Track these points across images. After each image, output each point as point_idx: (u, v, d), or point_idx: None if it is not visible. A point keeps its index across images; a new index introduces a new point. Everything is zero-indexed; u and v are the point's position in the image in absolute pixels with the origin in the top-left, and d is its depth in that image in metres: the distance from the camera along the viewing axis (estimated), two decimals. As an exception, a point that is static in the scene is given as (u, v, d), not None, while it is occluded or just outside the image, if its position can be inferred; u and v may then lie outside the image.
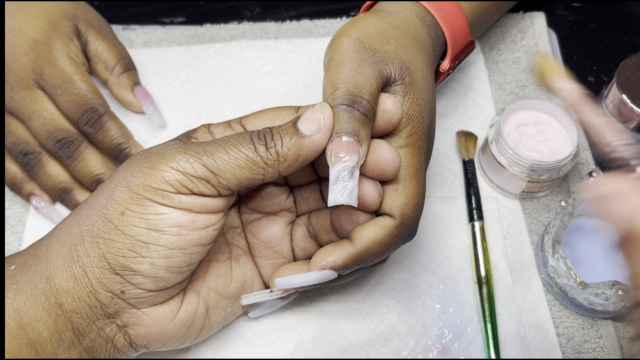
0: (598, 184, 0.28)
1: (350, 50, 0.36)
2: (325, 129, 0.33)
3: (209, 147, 0.34)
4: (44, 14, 0.49)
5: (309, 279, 0.36)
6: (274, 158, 0.33)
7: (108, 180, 0.35)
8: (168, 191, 0.33)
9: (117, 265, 0.33)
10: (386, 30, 0.38)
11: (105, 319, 0.34)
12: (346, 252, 0.35)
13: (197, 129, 0.39)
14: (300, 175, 0.40)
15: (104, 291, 0.33)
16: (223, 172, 0.33)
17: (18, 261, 0.35)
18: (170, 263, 0.33)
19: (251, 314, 0.42)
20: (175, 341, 0.37)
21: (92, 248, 0.33)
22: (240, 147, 0.33)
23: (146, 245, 0.33)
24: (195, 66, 0.56)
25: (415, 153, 0.37)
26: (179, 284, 0.35)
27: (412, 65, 0.38)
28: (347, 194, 0.33)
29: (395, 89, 0.37)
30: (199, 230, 0.34)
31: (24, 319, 0.33)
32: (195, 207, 0.33)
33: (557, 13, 0.61)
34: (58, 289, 0.33)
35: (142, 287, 0.33)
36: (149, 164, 0.33)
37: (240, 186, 0.34)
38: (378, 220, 0.35)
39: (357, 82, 0.34)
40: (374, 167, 0.35)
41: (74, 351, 0.34)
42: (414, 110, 0.37)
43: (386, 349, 0.43)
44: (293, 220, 0.42)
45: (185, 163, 0.33)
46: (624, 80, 0.49)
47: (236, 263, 0.40)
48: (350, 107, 0.34)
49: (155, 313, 0.35)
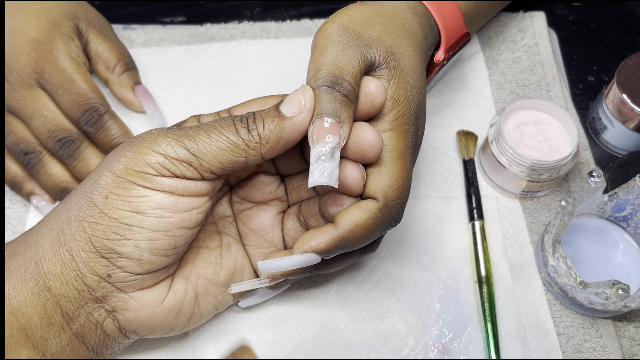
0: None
1: (334, 35, 0.36)
2: (306, 111, 0.33)
3: (191, 131, 0.34)
4: (45, 14, 0.49)
5: (291, 262, 0.36)
6: (256, 140, 0.34)
7: (96, 167, 0.35)
8: (150, 174, 0.33)
9: (103, 248, 0.33)
10: (372, 17, 0.38)
11: (93, 303, 0.34)
12: (329, 235, 0.35)
13: (187, 120, 0.39)
14: (290, 163, 0.40)
15: (91, 275, 0.34)
16: (205, 155, 0.33)
17: (9, 248, 0.36)
18: (154, 245, 0.34)
19: (241, 303, 0.42)
20: (164, 327, 0.37)
21: (78, 232, 0.33)
22: (222, 130, 0.34)
23: (129, 227, 0.33)
24: (195, 65, 0.56)
25: (400, 137, 0.36)
26: (165, 268, 0.36)
27: (398, 50, 0.38)
28: (327, 174, 0.33)
29: (380, 73, 0.37)
30: (182, 213, 0.34)
31: (14, 303, 0.33)
32: (177, 190, 0.34)
33: (558, 12, 0.61)
34: (47, 273, 0.34)
35: (128, 270, 0.34)
36: (133, 149, 0.34)
37: (223, 169, 0.34)
38: (361, 203, 0.35)
39: (339, 64, 0.35)
40: (355, 149, 0.35)
41: (64, 336, 0.34)
42: (399, 95, 0.37)
43: (386, 349, 0.43)
44: (284, 209, 0.42)
45: (167, 146, 0.33)
46: (624, 79, 0.49)
47: (226, 251, 0.40)
48: (331, 89, 0.34)
49: (143, 297, 0.35)
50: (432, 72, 0.46)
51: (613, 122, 0.51)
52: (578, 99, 0.56)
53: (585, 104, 0.56)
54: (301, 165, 0.41)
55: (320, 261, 0.36)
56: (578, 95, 0.56)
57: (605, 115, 0.51)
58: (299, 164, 0.41)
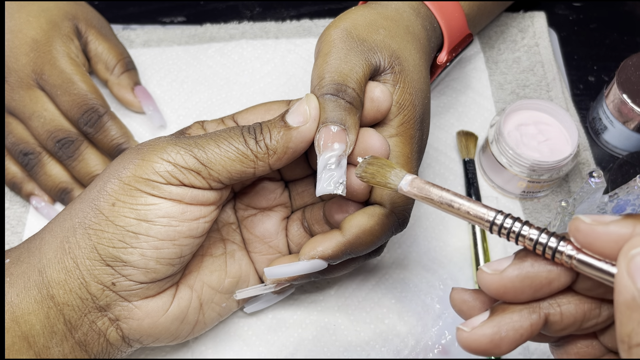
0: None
1: (338, 41, 0.36)
2: (312, 120, 0.33)
3: (200, 140, 0.34)
4: (45, 14, 0.49)
5: (298, 269, 0.36)
6: (264, 151, 0.34)
7: (101, 173, 0.35)
8: (158, 182, 0.33)
9: (108, 256, 0.33)
10: (376, 21, 0.38)
11: (96, 312, 0.34)
12: (336, 241, 0.35)
13: (191, 126, 0.39)
14: (294, 169, 0.40)
15: (95, 283, 0.33)
16: (214, 165, 0.33)
17: (12, 255, 0.35)
18: (160, 254, 0.33)
19: (247, 309, 0.42)
20: (168, 335, 0.37)
21: (84, 239, 0.33)
22: (231, 140, 0.34)
23: (136, 235, 0.33)
24: (195, 66, 0.56)
25: (406, 142, 0.36)
26: (170, 277, 0.35)
27: (403, 54, 0.38)
28: (334, 183, 0.33)
29: (385, 78, 0.37)
30: (189, 222, 0.34)
31: (16, 311, 0.33)
32: (185, 199, 0.33)
33: (558, 12, 0.61)
34: (50, 281, 0.33)
35: (133, 278, 0.33)
36: (140, 156, 0.34)
37: (232, 179, 0.34)
38: (368, 209, 0.35)
39: (342, 70, 0.34)
40: (362, 155, 0.34)
41: (66, 344, 0.34)
42: (404, 99, 0.36)
43: (386, 349, 0.43)
44: (288, 215, 0.41)
45: (176, 154, 0.33)
46: (624, 79, 0.49)
47: (231, 258, 0.40)
48: (335, 97, 0.34)
49: (147, 306, 0.35)
50: (434, 73, 0.46)
51: (613, 123, 0.51)
52: (578, 99, 0.56)
53: (585, 104, 0.56)
54: (305, 171, 0.41)
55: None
56: (578, 96, 0.56)
57: (606, 116, 0.51)
58: (303, 170, 0.40)
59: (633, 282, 0.22)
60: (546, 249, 0.26)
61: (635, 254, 0.22)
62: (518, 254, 0.27)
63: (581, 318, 0.27)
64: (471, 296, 0.30)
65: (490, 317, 0.27)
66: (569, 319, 0.27)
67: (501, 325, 0.27)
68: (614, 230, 0.24)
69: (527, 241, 0.26)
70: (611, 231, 0.24)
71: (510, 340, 0.27)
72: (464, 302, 0.30)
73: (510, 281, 0.26)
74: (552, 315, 0.27)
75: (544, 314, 0.27)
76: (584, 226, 0.24)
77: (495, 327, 0.27)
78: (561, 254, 0.25)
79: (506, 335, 0.26)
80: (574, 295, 0.27)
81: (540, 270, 0.26)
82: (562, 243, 0.26)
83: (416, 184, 0.31)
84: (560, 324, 0.27)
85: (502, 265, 0.27)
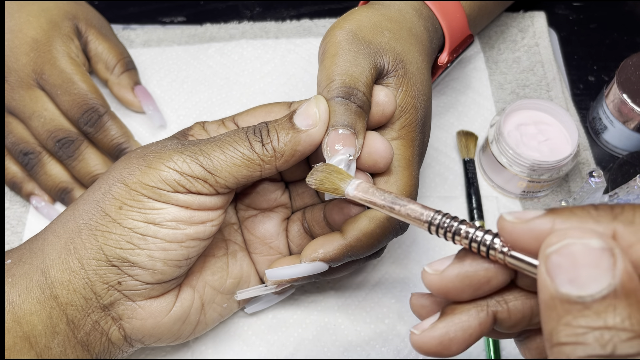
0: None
1: (344, 42, 0.36)
2: (322, 123, 0.33)
3: (205, 146, 0.34)
4: (45, 14, 0.49)
5: (299, 271, 0.36)
6: (271, 154, 0.33)
7: (104, 175, 0.35)
8: (165, 190, 0.33)
9: (115, 257, 0.33)
10: (380, 22, 0.38)
11: (100, 312, 0.34)
12: (337, 244, 0.35)
13: (192, 127, 0.39)
14: (295, 170, 0.40)
15: (100, 282, 0.33)
16: (220, 172, 0.33)
17: (14, 255, 0.35)
18: (168, 256, 0.33)
19: (247, 310, 0.42)
20: (170, 336, 0.37)
21: (90, 240, 0.33)
22: (236, 145, 0.33)
23: (144, 237, 0.33)
24: (195, 66, 0.56)
25: (408, 145, 0.36)
26: (176, 278, 0.35)
27: (406, 57, 0.37)
28: None
29: (389, 81, 0.37)
30: (197, 225, 0.34)
31: (18, 311, 0.33)
32: (192, 205, 0.33)
33: (558, 12, 0.61)
34: (53, 281, 0.33)
35: (139, 279, 0.34)
36: (147, 163, 0.34)
37: (238, 184, 0.34)
38: (369, 212, 0.35)
39: (353, 74, 0.34)
40: (366, 159, 0.34)
41: (68, 344, 0.34)
42: (407, 103, 0.36)
43: (386, 349, 0.43)
44: (288, 216, 0.42)
45: (182, 163, 0.33)
46: (624, 79, 0.49)
47: (232, 259, 0.40)
48: (346, 100, 0.34)
49: (151, 306, 0.35)
50: (435, 74, 0.46)
51: (613, 122, 0.51)
52: (578, 99, 0.56)
53: (585, 104, 0.56)
54: (305, 172, 0.40)
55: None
56: (578, 95, 0.56)
57: (606, 116, 0.51)
58: (303, 171, 0.40)
59: (551, 280, 0.22)
60: (481, 247, 0.26)
61: (552, 252, 0.22)
62: (459, 253, 0.27)
63: (529, 313, 0.27)
64: (428, 300, 0.30)
65: (439, 318, 0.27)
66: (517, 315, 0.27)
67: (449, 326, 0.27)
68: (534, 226, 0.23)
69: (464, 240, 0.26)
70: (532, 228, 0.23)
71: (460, 341, 0.27)
72: (422, 306, 0.30)
73: (451, 281, 0.26)
74: (499, 313, 0.27)
75: (492, 311, 0.27)
76: (507, 225, 0.24)
77: (444, 329, 0.27)
78: (495, 251, 0.25)
79: (455, 336, 0.26)
80: (520, 292, 0.27)
81: (477, 268, 0.26)
82: (495, 240, 0.25)
83: (361, 187, 0.31)
84: (509, 321, 0.27)
85: (443, 265, 0.27)
